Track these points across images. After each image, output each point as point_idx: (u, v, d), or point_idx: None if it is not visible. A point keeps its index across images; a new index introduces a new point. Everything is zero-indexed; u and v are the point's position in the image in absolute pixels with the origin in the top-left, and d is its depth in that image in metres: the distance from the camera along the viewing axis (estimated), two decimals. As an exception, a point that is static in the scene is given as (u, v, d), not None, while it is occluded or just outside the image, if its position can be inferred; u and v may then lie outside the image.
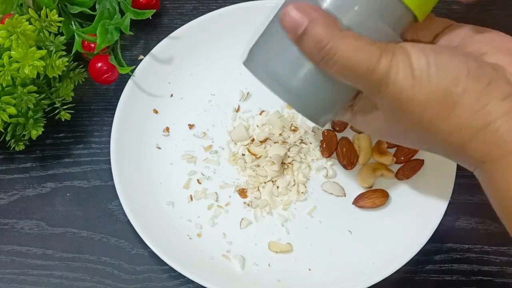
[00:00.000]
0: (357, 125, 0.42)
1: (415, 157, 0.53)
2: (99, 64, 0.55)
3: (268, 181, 0.53)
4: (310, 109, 0.38)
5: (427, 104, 0.34)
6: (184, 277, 0.49)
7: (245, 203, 0.52)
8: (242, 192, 0.53)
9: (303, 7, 0.34)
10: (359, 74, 0.34)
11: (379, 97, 0.35)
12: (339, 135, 0.55)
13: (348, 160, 0.53)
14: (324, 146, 0.54)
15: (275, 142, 0.54)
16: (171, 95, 0.57)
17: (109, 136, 0.53)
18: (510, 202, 0.33)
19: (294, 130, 0.54)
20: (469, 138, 0.34)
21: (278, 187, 0.53)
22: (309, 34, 0.34)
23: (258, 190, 0.53)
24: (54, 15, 0.50)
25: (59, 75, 0.51)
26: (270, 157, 0.53)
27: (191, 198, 0.53)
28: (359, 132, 0.54)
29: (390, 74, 0.33)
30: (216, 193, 0.53)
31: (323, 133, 0.54)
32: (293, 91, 0.37)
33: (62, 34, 0.55)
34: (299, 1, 0.34)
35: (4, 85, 0.48)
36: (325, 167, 0.54)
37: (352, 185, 0.53)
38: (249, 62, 0.38)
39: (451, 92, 0.33)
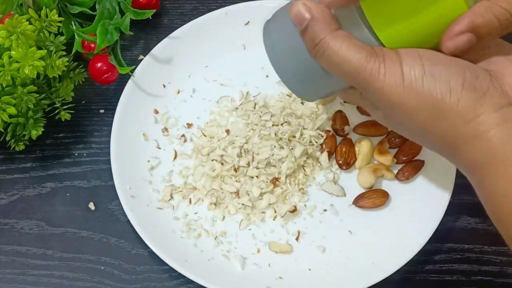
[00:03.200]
0: (364, 106, 0.43)
1: (416, 158, 0.53)
2: (99, 64, 0.55)
3: (269, 182, 0.53)
4: (303, 91, 0.43)
5: (419, 110, 0.35)
6: (184, 277, 0.49)
7: (244, 204, 0.52)
8: (243, 193, 0.53)
9: (308, 4, 0.36)
10: (346, 72, 0.36)
11: (369, 95, 0.37)
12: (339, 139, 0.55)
13: (345, 160, 0.53)
14: (324, 145, 0.54)
15: (277, 141, 0.54)
16: (171, 95, 0.57)
17: (109, 136, 0.53)
18: (500, 207, 0.34)
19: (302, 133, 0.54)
20: (462, 143, 0.35)
21: (278, 187, 0.53)
22: (308, 30, 0.36)
23: (260, 192, 0.53)
24: (54, 15, 0.50)
25: (59, 75, 0.51)
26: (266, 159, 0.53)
27: (191, 199, 0.53)
28: (362, 135, 0.55)
29: (377, 77, 0.35)
30: (216, 193, 0.53)
31: (327, 133, 0.54)
32: (291, 73, 0.41)
33: (62, 34, 0.55)
34: None
35: (4, 85, 0.48)
36: (331, 170, 0.54)
37: (352, 185, 0.53)
38: (264, 34, 0.42)
39: (445, 101, 0.34)
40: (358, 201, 0.52)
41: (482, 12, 0.34)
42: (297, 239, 0.52)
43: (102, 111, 0.58)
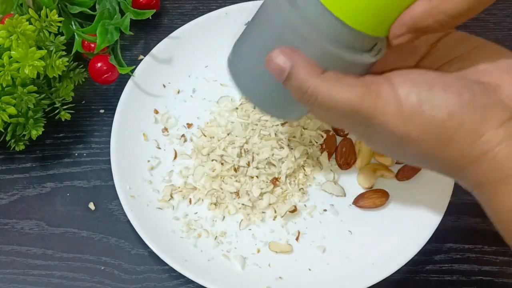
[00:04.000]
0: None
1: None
2: (99, 64, 0.55)
3: (269, 182, 0.53)
4: (281, 114, 0.40)
5: (422, 139, 0.34)
6: (184, 277, 0.49)
7: (244, 204, 0.52)
8: (243, 193, 0.53)
9: (286, 51, 0.34)
10: (344, 113, 0.34)
11: (371, 131, 0.35)
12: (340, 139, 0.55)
13: (345, 160, 0.53)
14: (324, 145, 0.54)
15: (277, 141, 0.54)
16: (171, 95, 0.57)
17: (109, 136, 0.53)
18: (509, 223, 0.34)
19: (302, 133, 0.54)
20: (467, 164, 0.34)
21: (278, 187, 0.53)
22: (292, 79, 0.34)
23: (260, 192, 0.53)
24: (54, 15, 0.50)
25: (59, 75, 0.51)
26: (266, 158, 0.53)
27: (191, 199, 0.53)
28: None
29: (375, 114, 0.34)
30: (216, 193, 0.53)
31: (327, 133, 0.54)
32: (263, 101, 0.39)
33: (62, 34, 0.55)
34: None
35: (4, 85, 0.48)
36: (331, 170, 0.54)
37: (352, 185, 0.53)
38: (230, 63, 0.39)
39: (446, 126, 0.33)
40: (358, 201, 0.52)
41: (421, 15, 0.33)
42: (297, 239, 0.52)
43: (102, 111, 0.58)
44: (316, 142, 0.54)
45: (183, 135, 0.56)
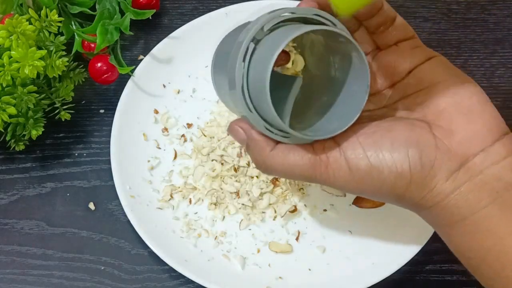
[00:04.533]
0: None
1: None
2: (99, 64, 0.55)
3: (269, 181, 0.53)
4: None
5: (375, 194, 0.36)
6: (184, 277, 0.49)
7: (244, 204, 0.52)
8: (243, 193, 0.53)
9: (240, 125, 0.38)
10: (297, 176, 0.37)
11: (330, 185, 0.37)
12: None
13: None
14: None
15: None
16: (171, 95, 0.57)
17: (109, 136, 0.53)
18: (468, 260, 0.36)
19: None
20: (421, 210, 0.37)
21: (278, 187, 0.53)
22: (251, 148, 0.38)
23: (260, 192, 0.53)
24: (54, 15, 0.50)
25: (59, 75, 0.51)
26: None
27: (191, 199, 0.53)
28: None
29: (328, 179, 0.36)
30: (216, 193, 0.53)
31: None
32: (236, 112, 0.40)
33: (62, 34, 0.55)
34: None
35: (4, 85, 0.48)
36: None
37: (352, 185, 0.53)
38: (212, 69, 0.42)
39: (396, 186, 0.35)
40: (358, 201, 0.52)
41: None
42: (297, 239, 0.52)
43: (102, 111, 0.58)
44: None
45: (183, 135, 0.56)
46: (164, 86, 0.57)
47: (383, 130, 0.35)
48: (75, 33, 0.56)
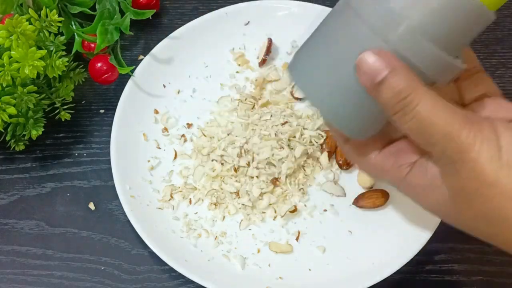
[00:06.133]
0: (407, 190, 0.37)
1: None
2: (99, 64, 0.55)
3: (269, 182, 0.53)
4: (350, 128, 0.36)
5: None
6: (184, 277, 0.49)
7: (244, 204, 0.52)
8: (243, 193, 0.53)
9: (383, 55, 0.31)
10: (434, 138, 0.31)
11: (451, 171, 0.31)
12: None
13: (345, 160, 0.53)
14: (324, 145, 0.54)
15: (277, 141, 0.54)
16: (171, 95, 0.57)
17: (109, 136, 0.53)
18: None
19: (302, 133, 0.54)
20: None
21: (278, 187, 0.53)
22: (388, 84, 0.31)
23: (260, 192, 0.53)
24: (54, 15, 0.50)
25: (59, 75, 0.51)
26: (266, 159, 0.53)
27: (191, 199, 0.53)
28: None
29: (471, 150, 0.30)
30: (216, 193, 0.53)
31: (326, 133, 0.54)
32: (336, 113, 0.35)
33: (62, 34, 0.55)
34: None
35: (4, 85, 0.48)
36: (331, 170, 0.54)
37: (352, 185, 0.53)
38: (293, 70, 0.36)
39: None
40: (358, 201, 0.52)
41: None
42: (297, 239, 0.52)
43: (102, 111, 0.58)
44: (316, 142, 0.54)
45: (183, 135, 0.56)
46: (164, 86, 0.57)
47: None
48: (75, 33, 0.56)
